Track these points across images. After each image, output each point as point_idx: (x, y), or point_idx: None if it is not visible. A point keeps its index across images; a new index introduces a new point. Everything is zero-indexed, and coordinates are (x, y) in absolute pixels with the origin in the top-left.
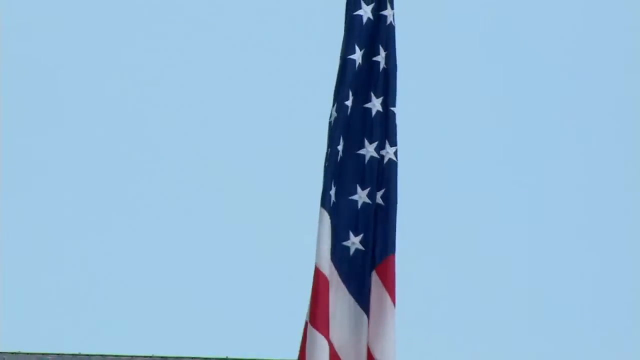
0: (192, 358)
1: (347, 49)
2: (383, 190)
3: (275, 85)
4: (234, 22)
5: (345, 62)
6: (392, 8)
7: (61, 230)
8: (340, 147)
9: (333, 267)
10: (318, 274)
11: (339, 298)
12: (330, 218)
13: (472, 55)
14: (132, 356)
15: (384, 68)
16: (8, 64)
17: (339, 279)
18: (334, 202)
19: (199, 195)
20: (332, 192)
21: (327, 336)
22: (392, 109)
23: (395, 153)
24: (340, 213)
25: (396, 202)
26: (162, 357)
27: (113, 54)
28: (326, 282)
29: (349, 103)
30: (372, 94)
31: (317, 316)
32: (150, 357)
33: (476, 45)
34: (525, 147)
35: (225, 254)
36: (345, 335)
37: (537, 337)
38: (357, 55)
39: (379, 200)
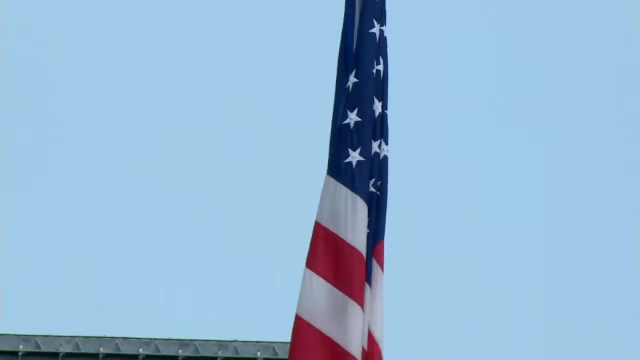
0: (205, 340)
1: (369, 63)
2: (379, 182)
3: (273, 87)
4: (232, 23)
5: (367, 76)
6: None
7: (68, 227)
8: (365, 145)
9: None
10: (353, 253)
11: None
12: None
13: (471, 54)
14: (151, 339)
15: (383, 75)
16: (8, 64)
17: None
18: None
19: (198, 193)
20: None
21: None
22: (385, 111)
23: (388, 151)
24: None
25: (387, 195)
26: (178, 339)
27: (113, 54)
28: (364, 263)
29: (375, 107)
30: (375, 98)
31: (358, 291)
32: (168, 339)
33: (473, 44)
34: (521, 147)
35: (230, 244)
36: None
37: (533, 336)
38: (378, 68)
39: (377, 190)
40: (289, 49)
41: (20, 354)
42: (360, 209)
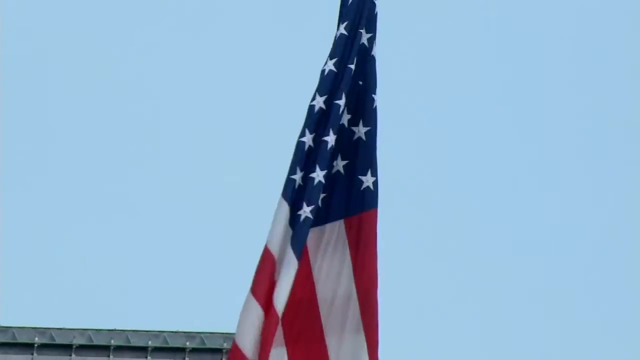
0: (210, 333)
1: (340, 62)
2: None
3: (273, 88)
4: (230, 23)
5: (321, 72)
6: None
7: (79, 226)
8: (309, 137)
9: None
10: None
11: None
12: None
13: (477, 52)
14: (160, 331)
15: (353, 74)
16: (8, 63)
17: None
18: (299, 185)
19: (202, 191)
20: (296, 176)
21: (263, 306)
22: (337, 102)
23: (334, 141)
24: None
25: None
26: (185, 332)
27: (112, 54)
28: (273, 260)
29: (314, 102)
30: (344, 94)
31: (259, 288)
32: (175, 332)
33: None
34: (520, 144)
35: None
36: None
37: (533, 338)
38: (350, 66)
39: (302, 181)
40: (289, 51)
41: (35, 345)
42: (281, 208)
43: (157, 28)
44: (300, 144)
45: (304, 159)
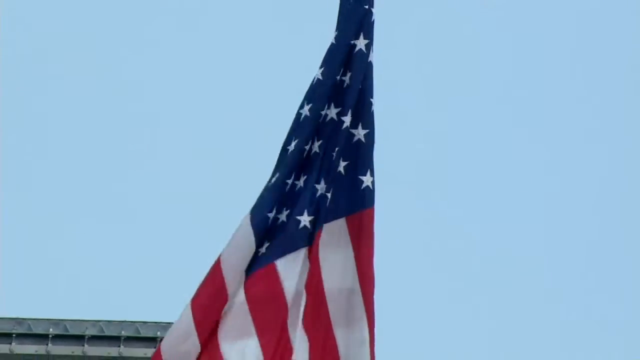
0: None
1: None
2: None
3: (274, 86)
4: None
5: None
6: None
7: (87, 219)
8: (293, 144)
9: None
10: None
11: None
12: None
13: (478, 54)
14: (168, 322)
15: (347, 85)
16: (8, 63)
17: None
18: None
19: (204, 185)
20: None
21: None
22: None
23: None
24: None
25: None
26: None
27: (112, 54)
28: (221, 273)
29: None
30: (326, 103)
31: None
32: None
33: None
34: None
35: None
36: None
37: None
38: (342, 78)
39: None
40: (292, 52)
41: (50, 336)
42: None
43: (158, 28)
44: (283, 151)
45: (286, 166)
